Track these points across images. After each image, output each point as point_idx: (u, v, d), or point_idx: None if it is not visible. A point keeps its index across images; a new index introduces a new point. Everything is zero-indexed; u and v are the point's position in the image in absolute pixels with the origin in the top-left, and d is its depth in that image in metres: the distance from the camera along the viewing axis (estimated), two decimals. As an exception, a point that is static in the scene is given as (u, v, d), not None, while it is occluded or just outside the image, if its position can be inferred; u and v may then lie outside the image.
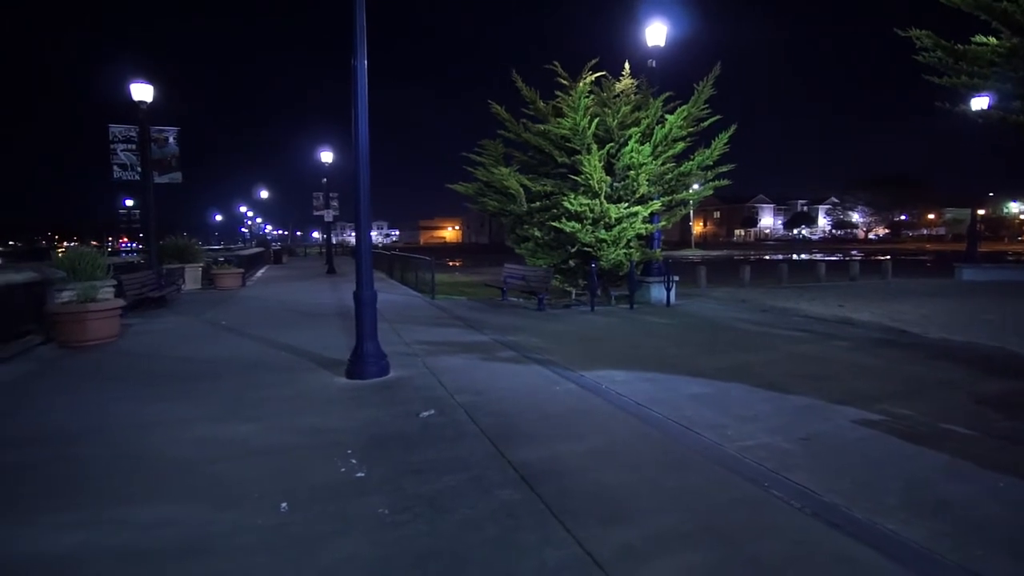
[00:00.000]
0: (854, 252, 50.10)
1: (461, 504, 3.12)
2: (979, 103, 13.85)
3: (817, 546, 2.69)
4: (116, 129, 13.00)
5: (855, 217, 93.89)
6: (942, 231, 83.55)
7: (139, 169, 13.12)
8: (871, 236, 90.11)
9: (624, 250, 11.90)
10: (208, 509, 3.12)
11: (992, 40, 5.55)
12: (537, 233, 12.78)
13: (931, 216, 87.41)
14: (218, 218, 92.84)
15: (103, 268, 9.04)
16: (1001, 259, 27.77)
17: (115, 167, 13.07)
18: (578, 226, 11.64)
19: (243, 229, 78.83)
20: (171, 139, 13.86)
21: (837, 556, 2.61)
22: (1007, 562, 2.60)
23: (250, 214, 71.85)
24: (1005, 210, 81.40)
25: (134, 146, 13.08)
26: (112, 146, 12.98)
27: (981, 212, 19.68)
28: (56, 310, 7.89)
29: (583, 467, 3.60)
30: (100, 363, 6.94)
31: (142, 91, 12.48)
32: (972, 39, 5.61)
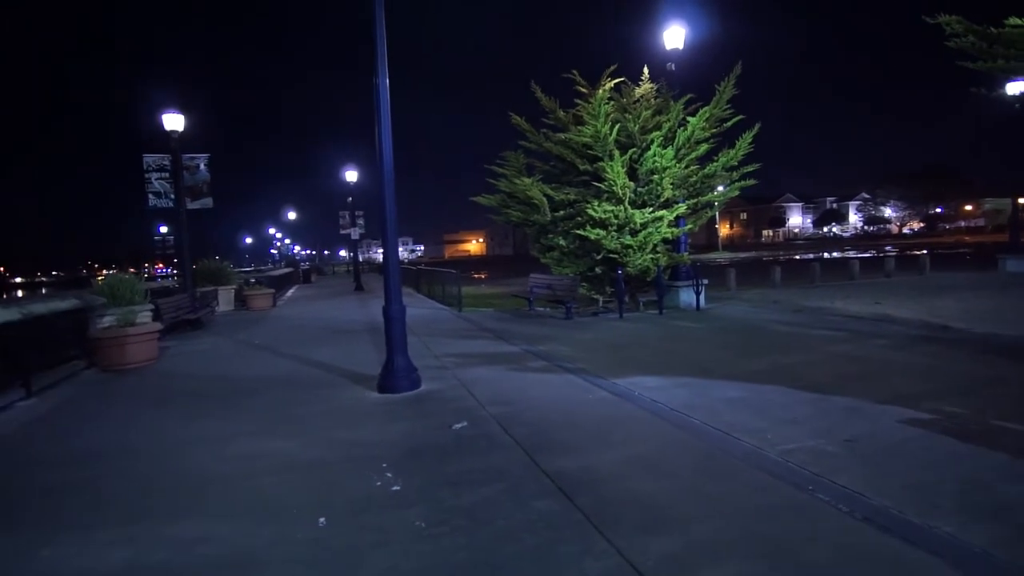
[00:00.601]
0: (888, 248, 48.70)
1: (498, 515, 3.09)
2: (1016, 87, 13.42)
3: (869, 551, 2.58)
4: (150, 159, 13.46)
5: (888, 212, 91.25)
6: (981, 222, 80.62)
7: (172, 196, 13.55)
8: (905, 231, 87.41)
9: (651, 255, 11.78)
10: (249, 524, 3.15)
11: (1027, 21, 5.36)
12: (562, 242, 12.74)
13: (968, 207, 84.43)
14: (248, 240, 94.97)
15: (141, 293, 9.31)
16: (1047, 249, 26.62)
17: (150, 195, 13.51)
18: (603, 233, 11.57)
19: (272, 250, 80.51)
20: (202, 166, 14.28)
21: (891, 561, 2.50)
22: (1077, 565, 2.46)
23: (279, 235, 73.40)
24: (1048, 198, 78.25)
25: (167, 174, 13.52)
26: (146, 175, 13.44)
27: (1022, 200, 18.93)
28: (98, 335, 8.14)
29: (620, 475, 3.54)
30: (141, 385, 7.13)
31: (174, 121, 12.91)
32: (1006, 21, 5.44)
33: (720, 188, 13.01)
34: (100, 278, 12.86)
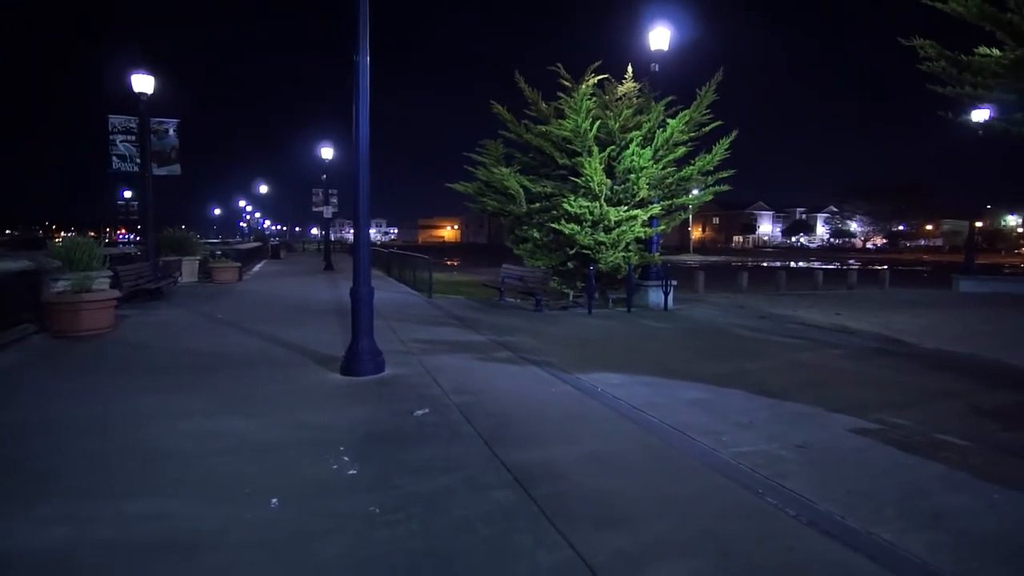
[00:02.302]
0: (852, 261, 50.21)
1: (454, 504, 3.09)
2: (980, 115, 13.89)
3: (812, 555, 2.67)
4: (115, 120, 12.96)
5: (853, 226, 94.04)
6: (939, 242, 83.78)
7: (138, 161, 13.08)
8: (869, 245, 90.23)
9: (623, 253, 11.88)
10: (199, 504, 3.09)
11: (995, 52, 5.54)
12: (536, 234, 12.75)
13: (929, 227, 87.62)
14: (216, 212, 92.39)
15: (99, 258, 8.99)
16: (998, 271, 27.89)
17: (114, 158, 13.02)
18: (577, 228, 11.62)
19: (242, 223, 78.57)
20: (171, 131, 13.82)
21: (832, 566, 2.59)
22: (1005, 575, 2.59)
23: (249, 209, 71.65)
24: (1003, 222, 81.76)
25: (133, 137, 13.04)
26: (111, 137, 12.94)
27: (979, 224, 19.75)
28: (51, 299, 7.83)
29: (578, 470, 3.57)
30: (93, 354, 6.89)
31: (143, 82, 12.43)
32: (976, 50, 5.61)
33: (695, 191, 13.18)
34: (58, 240, 12.35)
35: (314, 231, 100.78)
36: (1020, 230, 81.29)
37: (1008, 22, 4.98)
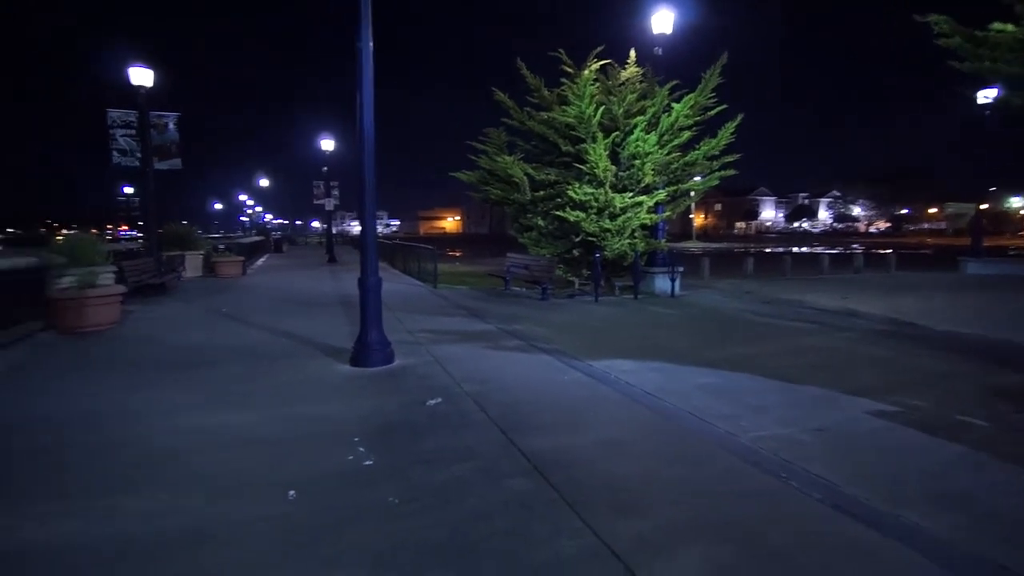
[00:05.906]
0: (855, 245, 49.95)
1: (471, 494, 3.05)
2: (984, 96, 13.74)
3: (838, 537, 2.63)
4: (115, 114, 12.84)
5: (856, 211, 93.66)
6: (943, 225, 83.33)
7: (139, 155, 12.98)
8: (872, 230, 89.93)
9: (628, 240, 11.81)
10: (213, 499, 3.05)
11: (1010, 27, 5.43)
12: (541, 222, 12.67)
13: (932, 210, 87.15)
14: (218, 206, 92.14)
15: (102, 254, 8.94)
16: (1004, 253, 27.71)
17: (114, 152, 12.92)
18: (582, 215, 11.53)
19: (243, 218, 78.42)
20: (171, 125, 13.71)
21: (859, 547, 2.54)
22: (1034, 556, 2.54)
23: (250, 202, 71.41)
24: (1007, 205, 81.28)
25: (133, 131, 12.93)
26: (111, 131, 12.83)
27: (984, 207, 19.67)
28: (56, 296, 7.80)
29: (595, 457, 3.53)
30: (99, 349, 6.87)
31: (141, 75, 12.31)
32: (991, 27, 5.49)
33: (699, 177, 13.07)
34: (59, 238, 12.32)
35: (315, 224, 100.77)
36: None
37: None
